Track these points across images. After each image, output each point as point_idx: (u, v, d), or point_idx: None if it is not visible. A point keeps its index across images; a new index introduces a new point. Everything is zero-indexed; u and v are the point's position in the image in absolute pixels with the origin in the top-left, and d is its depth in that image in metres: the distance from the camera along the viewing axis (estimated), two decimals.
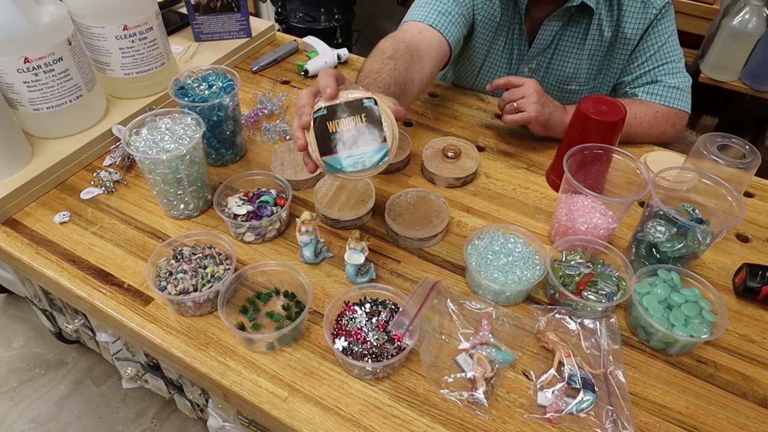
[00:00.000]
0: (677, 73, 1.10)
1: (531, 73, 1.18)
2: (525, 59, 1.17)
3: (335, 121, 0.67)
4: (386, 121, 0.68)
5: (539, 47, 1.13)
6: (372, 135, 0.68)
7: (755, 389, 0.73)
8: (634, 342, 0.77)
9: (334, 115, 0.67)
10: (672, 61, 1.10)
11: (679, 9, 1.77)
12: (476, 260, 0.82)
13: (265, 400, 0.69)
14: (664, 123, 1.10)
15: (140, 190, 0.98)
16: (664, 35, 1.09)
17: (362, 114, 0.67)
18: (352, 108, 0.68)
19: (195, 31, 1.28)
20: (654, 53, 1.10)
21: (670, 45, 1.10)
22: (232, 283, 0.79)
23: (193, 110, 0.90)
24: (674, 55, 1.11)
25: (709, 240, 0.79)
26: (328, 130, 0.67)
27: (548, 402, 0.69)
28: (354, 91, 0.69)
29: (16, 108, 0.94)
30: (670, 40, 1.10)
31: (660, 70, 1.10)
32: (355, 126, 0.67)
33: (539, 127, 1.02)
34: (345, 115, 0.68)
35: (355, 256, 0.79)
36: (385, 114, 0.68)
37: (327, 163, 0.68)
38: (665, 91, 1.10)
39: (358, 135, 0.68)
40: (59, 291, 0.86)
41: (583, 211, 0.85)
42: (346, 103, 0.68)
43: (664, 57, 1.10)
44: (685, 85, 1.11)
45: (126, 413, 1.59)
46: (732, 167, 0.84)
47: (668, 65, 1.10)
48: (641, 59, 1.11)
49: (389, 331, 0.73)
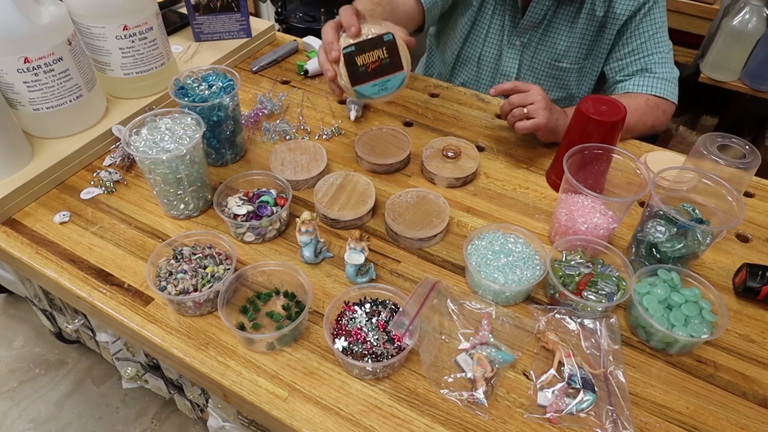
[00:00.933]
0: (666, 63, 1.12)
1: (523, 47, 1.20)
2: (517, 31, 1.18)
3: (362, 56, 0.81)
4: (402, 52, 0.83)
5: (531, 20, 1.14)
6: (392, 65, 0.82)
7: (755, 389, 0.73)
8: (634, 342, 0.77)
9: (361, 51, 0.81)
10: (661, 52, 1.11)
11: (679, 9, 1.77)
12: (476, 260, 0.82)
13: (265, 400, 0.69)
14: (656, 110, 1.11)
15: (140, 190, 0.98)
16: (655, 25, 1.10)
17: (383, 48, 0.81)
18: (374, 43, 0.81)
19: (195, 31, 1.28)
20: (645, 41, 1.11)
21: (660, 35, 1.11)
22: (232, 283, 0.79)
23: (193, 110, 0.90)
24: (664, 46, 1.12)
25: (709, 240, 0.79)
26: (356, 64, 0.81)
27: (548, 402, 0.69)
28: (373, 26, 0.82)
29: (16, 108, 0.94)
30: (661, 31, 1.11)
31: (650, 59, 1.11)
32: (379, 58, 0.82)
33: (547, 133, 1.02)
34: (370, 49, 0.81)
35: (355, 256, 0.79)
36: (402, 47, 0.82)
37: (357, 91, 0.83)
38: (654, 81, 1.11)
39: (381, 66, 0.82)
40: (59, 291, 0.86)
41: (583, 211, 0.85)
42: (370, 40, 0.81)
43: (654, 47, 1.11)
44: (673, 77, 1.12)
45: (126, 413, 1.59)
46: (732, 167, 0.84)
47: (658, 55, 1.11)
48: (632, 46, 1.12)
49: (389, 331, 0.73)
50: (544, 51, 1.19)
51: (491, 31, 1.21)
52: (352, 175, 0.96)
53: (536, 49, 1.19)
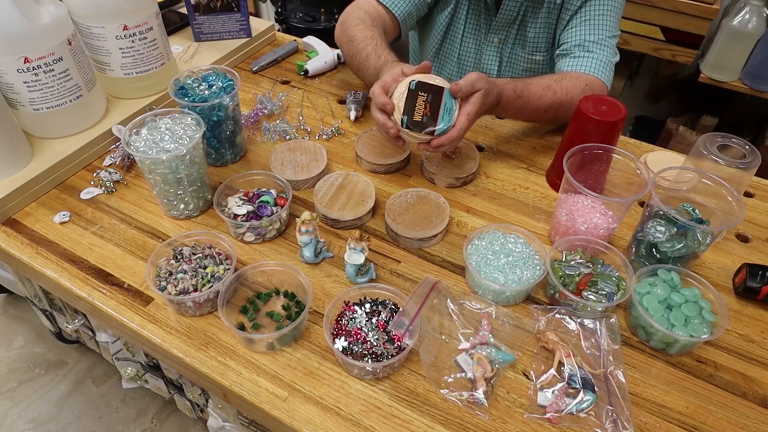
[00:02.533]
0: (605, 47, 1.08)
1: (501, 44, 1.21)
2: (493, 29, 1.19)
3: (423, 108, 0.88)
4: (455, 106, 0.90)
5: (505, 18, 1.15)
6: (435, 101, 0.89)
7: (755, 389, 0.73)
8: (634, 342, 0.77)
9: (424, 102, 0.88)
10: (602, 34, 1.08)
11: (679, 9, 1.77)
12: (476, 260, 0.82)
13: (265, 400, 0.69)
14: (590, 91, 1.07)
15: (140, 190, 0.98)
16: (603, 7, 1.08)
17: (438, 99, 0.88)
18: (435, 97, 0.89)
19: (195, 31, 1.28)
20: (588, 19, 1.08)
21: (606, 18, 1.08)
22: (232, 283, 0.79)
23: (193, 110, 0.90)
24: (607, 30, 1.08)
25: (709, 240, 0.79)
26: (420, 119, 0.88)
27: (548, 402, 0.69)
28: (436, 80, 0.89)
29: (16, 108, 0.94)
30: (607, 14, 1.08)
31: (589, 37, 1.08)
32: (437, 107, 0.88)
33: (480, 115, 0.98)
34: (430, 99, 0.89)
35: (355, 256, 0.79)
36: (456, 102, 0.90)
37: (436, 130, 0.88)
38: (589, 61, 1.07)
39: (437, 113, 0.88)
40: (59, 291, 0.86)
41: (583, 211, 0.85)
42: (433, 94, 0.89)
43: (596, 28, 1.08)
44: (609, 60, 1.08)
45: (126, 413, 1.59)
46: (732, 167, 0.84)
47: (597, 35, 1.08)
48: (575, 22, 1.10)
49: (389, 331, 0.73)
50: (520, 46, 1.20)
51: (467, 30, 1.22)
52: (352, 175, 0.96)
53: (513, 45, 1.21)
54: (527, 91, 1.01)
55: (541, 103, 1.02)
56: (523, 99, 1.01)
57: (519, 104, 1.01)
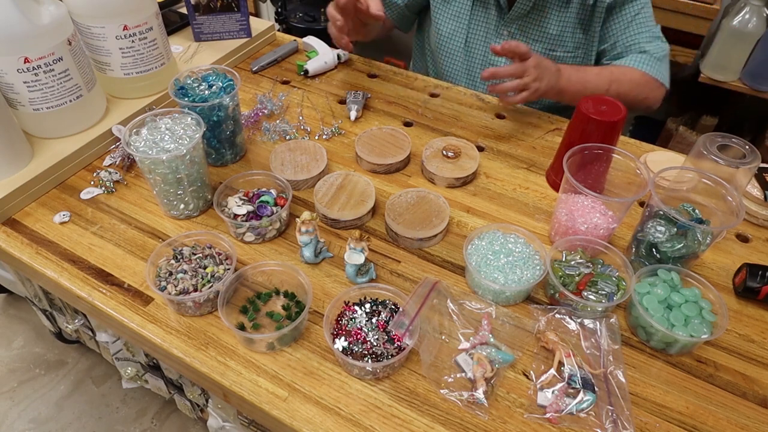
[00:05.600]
0: (655, 40, 1.12)
1: (510, 36, 1.20)
2: (504, 22, 1.18)
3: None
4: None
5: (519, 11, 1.15)
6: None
7: (755, 389, 0.73)
8: (634, 342, 0.77)
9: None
10: (648, 31, 1.12)
11: (679, 9, 1.77)
12: (476, 260, 0.82)
13: (265, 400, 0.69)
14: (650, 86, 1.12)
15: (140, 190, 0.98)
16: (638, 5, 1.11)
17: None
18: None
19: (195, 31, 1.28)
20: (631, 21, 1.12)
21: (644, 14, 1.12)
22: (232, 283, 0.79)
23: (193, 110, 0.90)
24: (650, 24, 1.13)
25: (709, 240, 0.79)
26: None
27: (548, 402, 0.69)
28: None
29: (16, 108, 0.94)
30: (643, 11, 1.12)
31: (639, 38, 1.12)
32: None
33: (542, 96, 1.03)
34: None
35: (355, 256, 0.79)
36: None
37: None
38: (647, 59, 1.11)
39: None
40: (59, 291, 0.86)
41: (583, 211, 0.85)
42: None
43: (640, 26, 1.12)
44: (663, 55, 1.13)
45: (126, 413, 1.59)
46: (732, 167, 0.84)
47: (646, 34, 1.12)
48: (619, 27, 1.13)
49: (389, 331, 0.73)
50: (537, 40, 1.19)
51: (473, 21, 1.21)
52: (352, 175, 0.96)
53: (527, 39, 1.19)
54: (582, 68, 1.06)
55: (600, 78, 1.06)
56: (581, 72, 1.05)
57: (580, 76, 1.05)
